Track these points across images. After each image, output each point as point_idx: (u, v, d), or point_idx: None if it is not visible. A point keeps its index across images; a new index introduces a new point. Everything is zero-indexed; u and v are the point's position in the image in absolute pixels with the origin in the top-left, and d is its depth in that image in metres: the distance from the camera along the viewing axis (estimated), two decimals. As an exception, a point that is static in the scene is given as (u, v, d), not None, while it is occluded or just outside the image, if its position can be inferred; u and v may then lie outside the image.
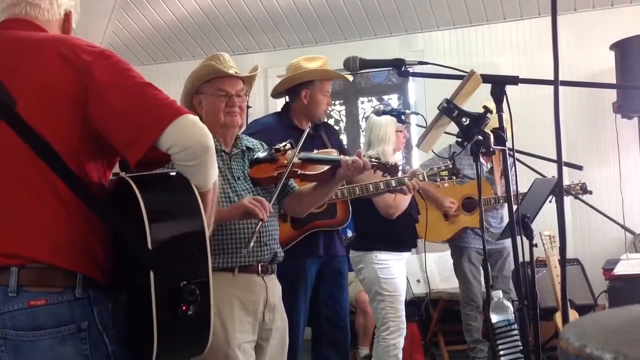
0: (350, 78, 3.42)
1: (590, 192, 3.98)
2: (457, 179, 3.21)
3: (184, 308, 1.48)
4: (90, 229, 1.55)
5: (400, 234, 3.73)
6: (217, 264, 2.43)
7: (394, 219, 3.63)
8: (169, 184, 1.66)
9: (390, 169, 2.76)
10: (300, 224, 3.11)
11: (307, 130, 2.72)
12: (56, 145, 1.50)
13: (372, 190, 3.20)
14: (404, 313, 3.73)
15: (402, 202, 3.58)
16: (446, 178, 3.16)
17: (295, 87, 3.26)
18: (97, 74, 1.53)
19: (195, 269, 1.54)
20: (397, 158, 3.96)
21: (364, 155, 2.63)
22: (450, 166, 3.17)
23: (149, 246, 1.47)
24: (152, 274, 1.46)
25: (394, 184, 3.20)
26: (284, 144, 2.66)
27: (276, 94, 3.46)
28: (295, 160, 2.58)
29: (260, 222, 2.38)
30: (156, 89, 1.57)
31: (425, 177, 3.21)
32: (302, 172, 2.61)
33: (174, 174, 1.62)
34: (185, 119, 1.53)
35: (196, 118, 1.57)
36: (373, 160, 2.70)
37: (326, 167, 2.60)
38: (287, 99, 3.40)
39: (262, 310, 2.52)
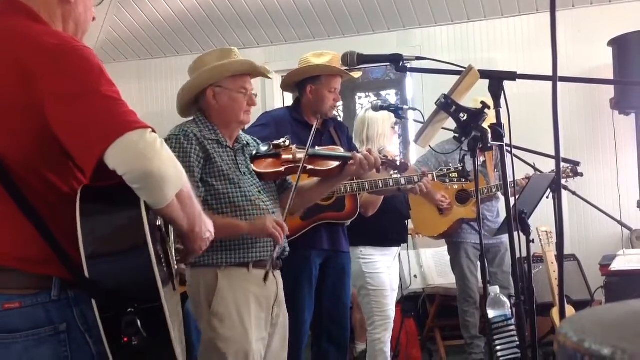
0: (357, 76, 3.35)
1: (581, 175, 3.95)
2: (466, 181, 3.17)
3: (125, 339, 1.41)
4: (62, 236, 1.47)
5: (385, 230, 3.72)
6: (232, 259, 2.47)
7: (381, 215, 3.62)
8: (118, 200, 1.51)
9: (400, 167, 2.78)
10: (308, 215, 3.09)
11: (316, 126, 2.72)
12: (9, 154, 1.45)
13: (380, 186, 3.17)
14: (390, 308, 3.72)
15: (372, 200, 3.55)
16: (455, 180, 3.14)
17: (302, 81, 3.25)
18: (47, 84, 1.43)
19: (141, 294, 1.45)
20: (395, 153, 3.95)
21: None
22: (461, 168, 3.13)
23: (86, 274, 1.41)
24: (94, 302, 1.42)
25: (403, 182, 3.18)
26: (282, 139, 2.67)
27: (285, 87, 3.44)
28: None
29: (277, 247, 2.45)
30: (106, 98, 1.43)
31: (435, 178, 3.19)
32: (312, 167, 2.61)
33: (128, 188, 1.47)
34: (126, 139, 1.39)
35: (140, 136, 1.41)
36: (383, 157, 2.71)
37: (337, 163, 2.60)
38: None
39: (272, 305, 2.54)
